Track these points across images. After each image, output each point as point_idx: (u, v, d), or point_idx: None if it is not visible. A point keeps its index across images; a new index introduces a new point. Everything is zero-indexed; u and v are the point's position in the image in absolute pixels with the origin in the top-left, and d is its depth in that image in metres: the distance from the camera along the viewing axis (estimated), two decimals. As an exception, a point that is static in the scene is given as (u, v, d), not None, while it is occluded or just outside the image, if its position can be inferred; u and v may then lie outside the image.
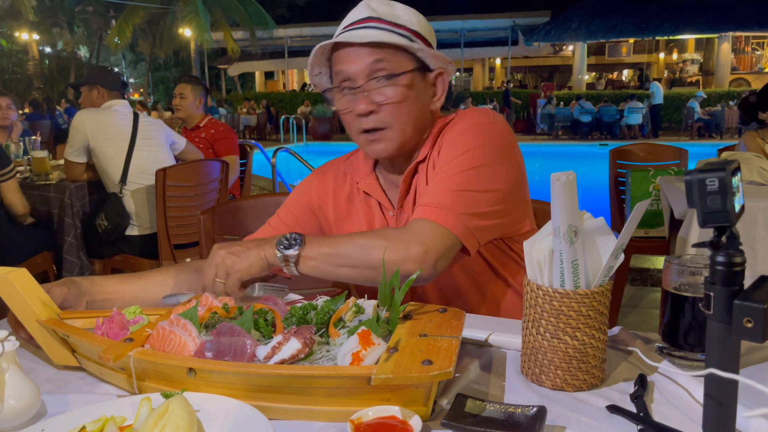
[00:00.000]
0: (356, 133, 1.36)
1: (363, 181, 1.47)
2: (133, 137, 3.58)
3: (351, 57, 1.30)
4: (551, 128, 19.46)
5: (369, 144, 1.35)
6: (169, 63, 34.37)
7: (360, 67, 1.30)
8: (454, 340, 0.92)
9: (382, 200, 1.45)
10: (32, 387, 0.93)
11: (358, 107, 1.31)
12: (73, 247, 3.66)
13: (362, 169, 1.48)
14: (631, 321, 3.83)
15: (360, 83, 1.30)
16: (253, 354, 0.94)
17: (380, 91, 1.31)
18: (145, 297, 1.31)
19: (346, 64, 1.31)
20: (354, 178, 1.50)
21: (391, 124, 1.33)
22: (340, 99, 1.35)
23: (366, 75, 1.30)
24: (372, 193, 1.45)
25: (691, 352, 1.03)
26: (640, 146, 4.42)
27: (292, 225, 1.52)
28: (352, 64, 1.30)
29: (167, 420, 0.80)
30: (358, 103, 1.31)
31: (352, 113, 1.33)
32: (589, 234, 0.99)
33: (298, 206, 1.54)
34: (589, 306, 0.96)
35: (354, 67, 1.30)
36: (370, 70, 1.30)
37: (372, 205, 1.47)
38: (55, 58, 32.29)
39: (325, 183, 1.53)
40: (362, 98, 1.31)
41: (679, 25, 22.38)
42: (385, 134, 1.33)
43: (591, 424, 0.88)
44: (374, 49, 1.29)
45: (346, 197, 1.50)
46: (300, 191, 1.55)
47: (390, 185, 1.47)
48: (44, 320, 1.08)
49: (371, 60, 1.29)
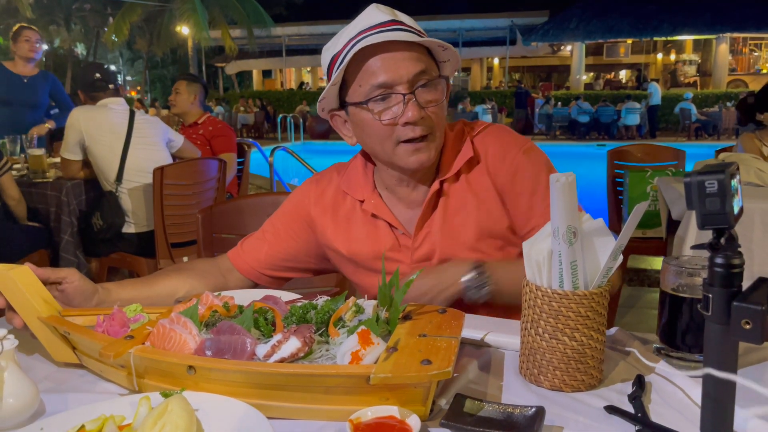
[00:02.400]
0: (393, 143, 1.26)
1: (368, 201, 1.39)
2: (128, 135, 3.56)
3: (394, 61, 1.22)
4: (549, 128, 19.50)
5: (412, 154, 1.26)
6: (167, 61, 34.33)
7: (407, 71, 1.22)
8: (453, 341, 0.92)
9: (391, 221, 1.37)
10: (31, 385, 0.93)
11: (409, 114, 1.22)
12: (69, 245, 3.65)
13: (363, 186, 1.40)
14: (628, 321, 3.84)
15: (407, 90, 1.22)
16: (253, 352, 0.94)
17: (426, 96, 1.24)
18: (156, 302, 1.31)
19: (389, 69, 1.22)
20: (355, 196, 1.41)
21: (434, 131, 1.27)
22: (374, 109, 1.24)
23: (413, 80, 1.23)
24: (380, 214, 1.37)
25: (689, 353, 1.03)
26: (638, 147, 4.43)
27: (288, 241, 1.47)
28: (397, 68, 1.22)
29: (166, 419, 0.80)
30: (408, 110, 1.22)
31: (393, 122, 1.24)
32: (588, 235, 0.99)
33: (296, 221, 1.48)
34: (588, 307, 0.96)
35: (400, 71, 1.22)
36: (416, 74, 1.23)
37: (379, 226, 1.39)
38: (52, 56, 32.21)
39: (323, 196, 1.46)
40: (412, 105, 1.22)
41: (677, 26, 22.45)
42: (428, 143, 1.27)
43: (589, 424, 0.89)
44: (417, 54, 1.23)
45: (345, 216, 1.43)
46: (297, 204, 1.49)
47: (397, 204, 1.39)
48: (45, 317, 1.09)
49: (417, 64, 1.23)
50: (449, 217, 1.35)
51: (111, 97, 3.66)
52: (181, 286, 1.38)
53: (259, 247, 1.48)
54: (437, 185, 1.34)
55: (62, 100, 5.28)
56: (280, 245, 1.47)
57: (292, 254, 1.48)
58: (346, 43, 1.25)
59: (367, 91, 1.24)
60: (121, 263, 3.69)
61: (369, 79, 1.23)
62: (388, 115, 1.24)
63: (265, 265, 1.48)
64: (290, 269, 1.50)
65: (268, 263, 1.48)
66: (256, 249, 1.48)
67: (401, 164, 1.29)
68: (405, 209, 1.39)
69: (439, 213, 1.35)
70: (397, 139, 1.26)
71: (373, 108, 1.24)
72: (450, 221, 1.35)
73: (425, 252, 1.37)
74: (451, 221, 1.35)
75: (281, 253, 1.48)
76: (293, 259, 1.49)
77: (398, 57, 1.22)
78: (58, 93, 5.26)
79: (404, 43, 1.23)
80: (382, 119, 1.24)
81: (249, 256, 1.48)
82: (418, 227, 1.36)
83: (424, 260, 1.37)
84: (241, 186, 4.78)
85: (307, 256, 1.49)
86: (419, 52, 1.24)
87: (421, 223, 1.36)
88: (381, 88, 1.23)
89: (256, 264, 1.47)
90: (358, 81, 1.25)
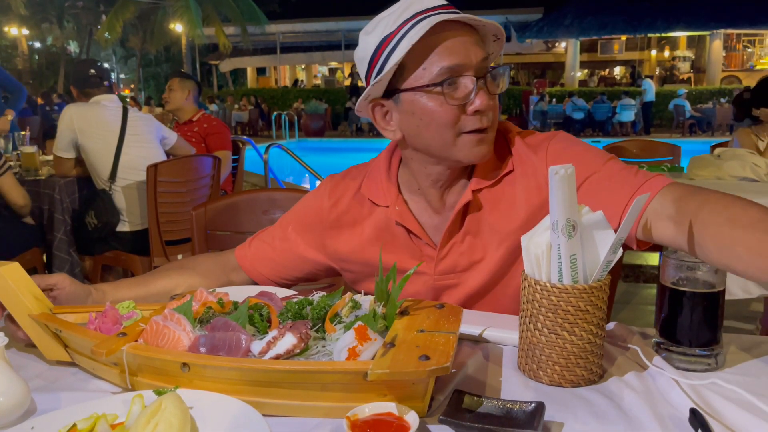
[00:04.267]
0: (456, 132, 1.16)
1: (392, 207, 1.29)
2: (122, 132, 3.54)
3: (464, 44, 1.13)
4: (543, 125, 19.50)
5: (476, 144, 1.17)
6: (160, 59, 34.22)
7: (476, 56, 1.14)
8: (451, 336, 0.91)
9: (416, 230, 1.27)
10: (22, 384, 0.91)
11: (478, 103, 1.13)
12: (63, 243, 3.63)
13: (387, 192, 1.30)
14: (624, 317, 3.84)
15: (479, 74, 1.14)
16: (248, 349, 0.93)
17: (494, 85, 1.17)
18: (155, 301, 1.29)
19: (460, 51, 1.13)
20: (379, 202, 1.31)
21: (495, 123, 1.20)
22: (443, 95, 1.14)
23: (482, 65, 1.14)
24: (404, 222, 1.28)
25: (689, 347, 1.02)
26: (634, 143, 4.43)
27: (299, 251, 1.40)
28: (467, 51, 1.13)
29: (160, 417, 0.79)
30: (479, 97, 1.13)
31: (459, 108, 1.15)
32: (588, 228, 0.98)
33: (308, 231, 1.39)
34: (588, 301, 0.95)
35: (470, 55, 1.13)
36: (483, 59, 1.15)
37: (397, 234, 1.29)
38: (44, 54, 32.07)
39: (339, 203, 1.36)
40: (484, 93, 1.14)
41: (671, 23, 22.50)
42: (489, 135, 1.19)
43: (589, 420, 0.88)
44: (477, 36, 1.16)
45: (361, 223, 1.34)
46: (311, 212, 1.40)
47: (425, 209, 1.29)
48: (36, 315, 1.07)
49: (482, 50, 1.15)
50: (480, 228, 1.26)
51: (104, 94, 3.64)
52: (180, 284, 1.35)
53: (267, 253, 1.42)
54: (470, 195, 1.24)
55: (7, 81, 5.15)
56: (288, 254, 1.41)
57: (300, 264, 1.42)
58: (401, 24, 1.14)
59: (434, 74, 1.13)
60: (116, 261, 3.66)
61: (438, 61, 1.13)
62: (457, 101, 1.14)
63: (271, 271, 1.43)
64: (297, 278, 1.46)
65: (275, 270, 1.43)
66: (264, 254, 1.43)
67: (460, 156, 1.19)
68: (432, 215, 1.29)
69: (471, 223, 1.26)
70: (460, 129, 1.16)
71: (439, 92, 1.14)
72: (481, 233, 1.26)
73: (450, 263, 1.28)
74: (481, 233, 1.26)
75: (290, 262, 1.42)
76: (300, 269, 1.43)
77: (465, 40, 1.14)
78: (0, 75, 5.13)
79: (468, 27, 1.15)
80: (449, 104, 1.14)
81: (257, 260, 1.43)
82: (445, 238, 1.26)
83: (448, 272, 1.28)
84: (235, 184, 4.76)
85: (316, 267, 1.43)
86: (479, 38, 1.17)
87: (449, 233, 1.26)
88: (451, 71, 1.13)
89: (263, 269, 1.43)
90: (420, 63, 1.14)
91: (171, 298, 1.21)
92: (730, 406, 0.88)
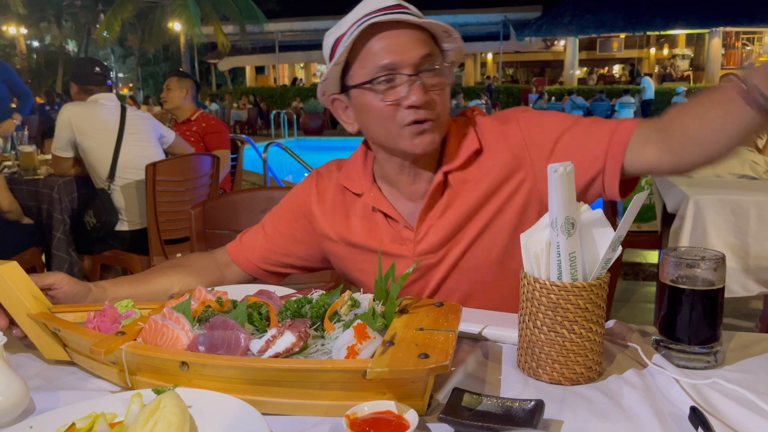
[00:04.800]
0: (398, 126, 1.23)
1: (366, 194, 1.36)
2: (120, 131, 3.53)
3: (400, 43, 1.20)
4: (542, 123, 19.50)
5: (416, 136, 1.23)
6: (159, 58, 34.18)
7: (413, 54, 1.19)
8: (450, 334, 0.91)
9: (392, 214, 1.34)
10: (20, 383, 0.91)
11: (413, 97, 1.19)
12: (62, 242, 3.62)
13: (362, 180, 1.38)
14: (623, 315, 3.84)
15: (413, 71, 1.20)
16: (247, 348, 0.93)
17: (432, 80, 1.22)
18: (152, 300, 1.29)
19: (395, 51, 1.19)
20: (354, 190, 1.39)
21: (440, 113, 1.25)
22: (377, 91, 1.22)
23: (419, 63, 1.20)
24: (379, 207, 1.34)
25: (688, 345, 1.02)
26: (632, 140, 4.40)
27: (288, 237, 1.45)
28: (403, 50, 1.19)
29: (159, 416, 0.79)
30: (413, 92, 1.19)
31: (397, 104, 1.21)
32: (587, 226, 0.98)
33: (297, 218, 1.45)
34: (587, 299, 0.95)
35: (406, 53, 1.19)
36: (422, 57, 1.20)
37: (378, 220, 1.36)
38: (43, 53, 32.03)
39: (324, 193, 1.43)
40: (417, 88, 1.19)
41: (670, 21, 22.50)
42: (433, 125, 1.24)
43: (588, 418, 0.87)
44: (423, 37, 1.22)
45: (346, 211, 1.40)
46: (298, 201, 1.46)
47: (397, 195, 1.36)
48: (35, 314, 1.07)
49: (423, 47, 1.21)
50: (455, 208, 1.31)
51: (103, 93, 3.63)
52: (177, 282, 1.37)
53: (258, 241, 1.46)
54: (441, 176, 1.30)
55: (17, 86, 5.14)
56: (278, 240, 1.45)
57: (290, 250, 1.46)
58: (351, 24, 1.22)
59: (371, 72, 1.21)
60: (115, 261, 3.66)
61: (374, 60, 1.20)
62: (391, 97, 1.21)
63: (263, 260, 1.46)
64: (289, 265, 1.48)
65: (267, 258, 1.46)
66: (254, 243, 1.47)
67: (405, 147, 1.25)
68: (406, 202, 1.35)
69: (443, 205, 1.31)
70: (400, 122, 1.22)
71: (376, 89, 1.21)
72: (455, 213, 1.31)
73: (428, 245, 1.33)
74: (456, 213, 1.31)
75: (280, 248, 1.46)
76: (292, 255, 1.47)
77: (404, 39, 1.20)
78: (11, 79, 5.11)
79: (410, 25, 1.21)
80: (385, 101, 1.21)
81: (247, 250, 1.46)
82: (420, 219, 1.32)
83: (428, 253, 1.33)
84: (234, 183, 4.76)
85: (306, 253, 1.47)
86: (424, 35, 1.23)
87: (423, 215, 1.32)
88: (386, 69, 1.20)
89: (255, 258, 1.46)
90: (361, 62, 1.22)
91: (169, 297, 1.21)
92: (730, 404, 0.88)
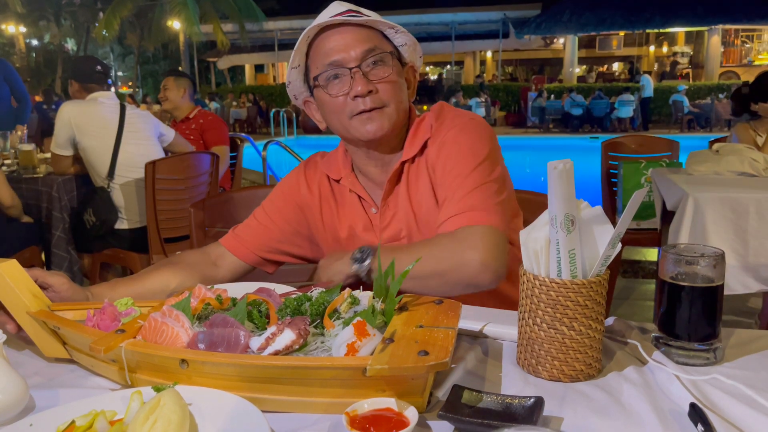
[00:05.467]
0: (348, 117, 1.34)
1: (345, 179, 1.47)
2: (119, 130, 3.53)
3: (344, 42, 1.32)
4: (542, 121, 19.50)
5: (365, 123, 1.34)
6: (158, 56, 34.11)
7: (355, 50, 1.31)
8: (450, 331, 0.91)
9: (365, 197, 1.45)
10: (20, 381, 0.91)
11: (357, 88, 1.30)
12: (61, 241, 3.62)
13: (342, 168, 1.48)
14: (623, 313, 3.84)
15: (355, 64, 1.31)
16: (247, 345, 0.93)
17: (375, 71, 1.33)
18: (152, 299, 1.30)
19: (339, 49, 1.32)
20: (334, 176, 1.49)
21: (387, 102, 1.34)
22: (328, 86, 1.34)
23: (361, 57, 1.31)
24: (355, 189, 1.45)
25: (688, 342, 1.02)
26: (632, 138, 4.43)
27: (279, 222, 1.51)
28: (346, 48, 1.31)
29: (159, 414, 0.79)
30: (356, 84, 1.31)
31: (346, 96, 1.33)
32: (586, 223, 0.98)
33: (287, 204, 1.52)
34: (587, 296, 0.95)
35: (349, 50, 1.31)
36: (364, 51, 1.31)
37: (354, 203, 1.46)
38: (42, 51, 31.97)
39: (312, 182, 1.52)
40: (360, 79, 1.31)
41: (669, 18, 22.47)
42: (381, 112, 1.34)
43: (588, 415, 0.88)
44: (366, 32, 1.33)
45: (329, 197, 1.50)
46: (288, 189, 1.54)
47: (370, 184, 1.46)
48: (34, 312, 1.07)
49: (365, 42, 1.32)
50: (411, 196, 1.40)
51: (102, 91, 3.62)
52: (172, 279, 1.38)
53: (252, 229, 1.52)
54: (398, 165, 1.40)
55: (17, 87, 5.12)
56: (271, 226, 1.51)
57: (285, 236, 1.52)
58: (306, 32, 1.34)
59: (320, 71, 1.33)
60: (114, 259, 3.66)
61: (322, 59, 1.33)
62: (336, 89, 1.33)
63: (259, 247, 1.51)
64: (284, 252, 1.54)
65: (263, 244, 1.51)
66: (249, 231, 1.52)
67: (356, 135, 1.36)
68: (375, 188, 1.45)
69: (402, 192, 1.41)
70: (350, 112, 1.33)
71: (325, 84, 1.34)
72: (411, 201, 1.40)
73: (393, 232, 1.42)
74: (412, 201, 1.40)
75: (275, 234, 1.51)
76: (287, 241, 1.52)
77: (348, 38, 1.32)
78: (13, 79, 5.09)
79: (354, 25, 1.33)
80: (333, 94, 1.33)
81: (242, 239, 1.52)
82: (383, 205, 1.42)
83: (393, 240, 1.42)
84: (234, 181, 4.76)
85: (300, 239, 1.53)
86: (370, 33, 1.34)
87: (384, 200, 1.42)
88: (332, 66, 1.32)
89: (251, 245, 1.51)
90: (314, 63, 1.35)
91: (168, 295, 1.21)
92: (729, 400, 0.88)
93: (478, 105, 18.94)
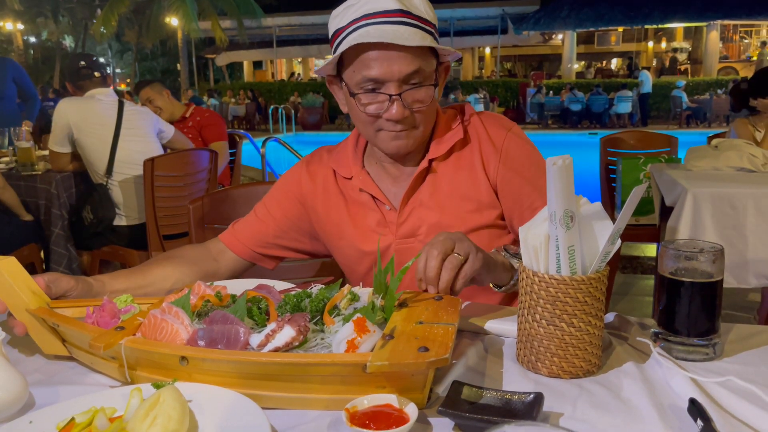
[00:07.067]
0: (374, 129, 1.31)
1: (356, 177, 1.43)
2: (118, 126, 3.51)
3: (389, 59, 1.22)
4: (541, 117, 19.50)
5: (392, 139, 1.30)
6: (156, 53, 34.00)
7: (398, 74, 1.23)
8: (450, 327, 0.91)
9: (377, 195, 1.41)
10: (20, 378, 0.91)
11: (393, 113, 1.25)
12: (60, 238, 3.62)
13: (352, 164, 1.44)
14: (622, 308, 3.85)
15: (396, 90, 1.24)
16: (247, 342, 0.93)
17: (414, 93, 1.26)
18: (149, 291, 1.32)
19: (382, 64, 1.23)
20: (343, 173, 1.45)
21: (419, 125, 1.31)
22: (361, 96, 1.27)
23: (403, 82, 1.24)
24: (366, 188, 1.41)
25: (687, 337, 1.02)
26: (631, 134, 4.43)
27: (278, 216, 1.50)
28: (389, 63, 1.22)
29: (158, 410, 0.79)
30: (392, 108, 1.25)
31: (378, 116, 1.27)
32: (586, 219, 0.98)
33: (288, 198, 1.50)
34: (586, 292, 0.95)
35: (392, 66, 1.22)
36: (408, 75, 1.24)
37: (365, 201, 1.43)
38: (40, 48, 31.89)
39: (315, 176, 1.49)
40: (397, 105, 1.25)
41: (668, 14, 22.42)
42: (409, 133, 1.31)
43: (588, 411, 0.88)
44: (412, 56, 1.23)
45: (335, 192, 1.46)
46: (289, 183, 1.52)
47: (385, 178, 1.43)
48: (34, 309, 1.07)
49: (411, 64, 1.23)
50: (437, 193, 1.38)
51: (99, 88, 3.61)
52: (172, 272, 1.38)
53: (251, 225, 1.51)
54: (426, 163, 1.37)
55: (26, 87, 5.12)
56: (272, 222, 1.50)
57: (284, 231, 1.51)
58: (350, 23, 1.25)
59: (358, 81, 1.26)
60: (113, 256, 3.66)
61: (362, 70, 1.24)
62: (372, 109, 1.27)
63: (257, 243, 1.50)
64: (283, 247, 1.53)
65: (261, 240, 1.50)
66: (248, 227, 1.51)
67: (381, 147, 1.35)
68: (392, 184, 1.42)
69: (427, 189, 1.38)
70: (378, 126, 1.30)
71: (360, 98, 1.27)
72: (437, 197, 1.37)
73: (410, 227, 1.39)
74: (438, 197, 1.37)
75: (273, 230, 1.50)
76: (285, 236, 1.51)
77: (393, 55, 1.22)
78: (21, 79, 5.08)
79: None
80: (366, 111, 1.28)
81: (241, 235, 1.51)
82: (403, 202, 1.39)
83: (409, 236, 1.40)
84: (233, 178, 4.75)
85: (299, 234, 1.52)
86: (417, 51, 1.24)
87: (407, 197, 1.39)
88: (371, 81, 1.25)
89: (249, 241, 1.50)
90: (352, 65, 1.27)
91: (168, 292, 1.21)
92: (729, 395, 0.89)
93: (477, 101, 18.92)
